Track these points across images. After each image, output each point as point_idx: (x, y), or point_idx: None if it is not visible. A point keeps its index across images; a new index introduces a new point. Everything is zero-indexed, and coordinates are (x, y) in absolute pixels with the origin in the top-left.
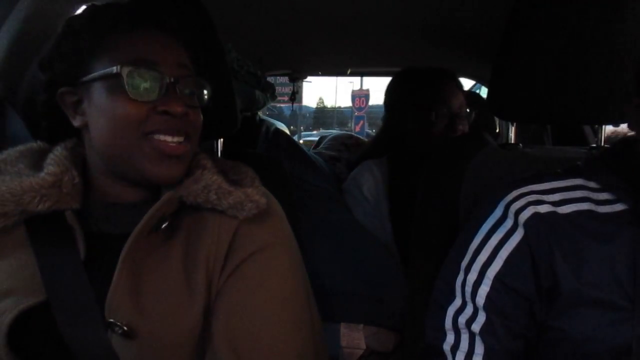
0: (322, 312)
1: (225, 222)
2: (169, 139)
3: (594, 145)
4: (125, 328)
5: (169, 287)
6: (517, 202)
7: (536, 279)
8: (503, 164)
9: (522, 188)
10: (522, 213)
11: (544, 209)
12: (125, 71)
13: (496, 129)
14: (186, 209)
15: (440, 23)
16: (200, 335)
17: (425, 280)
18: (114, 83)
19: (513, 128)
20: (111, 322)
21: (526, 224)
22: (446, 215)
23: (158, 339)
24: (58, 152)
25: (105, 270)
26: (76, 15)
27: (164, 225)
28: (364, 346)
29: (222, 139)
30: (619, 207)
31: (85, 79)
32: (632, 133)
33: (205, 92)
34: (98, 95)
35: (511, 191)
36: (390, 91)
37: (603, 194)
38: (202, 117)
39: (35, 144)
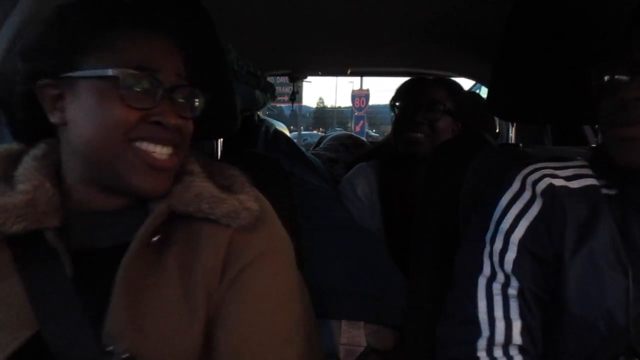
0: (323, 309)
1: (219, 232)
2: (157, 149)
3: (594, 145)
4: (125, 356)
5: (168, 305)
6: (533, 175)
7: (552, 246)
8: (503, 164)
9: (537, 164)
10: (539, 184)
11: (557, 182)
12: (122, 75)
13: (496, 129)
14: (176, 218)
15: (440, 23)
16: (201, 352)
17: (426, 279)
18: (107, 85)
19: (513, 128)
20: (110, 350)
21: (543, 194)
22: (446, 214)
23: None
24: (28, 164)
25: (96, 291)
26: (68, 4)
27: (155, 238)
28: (364, 344)
29: (222, 139)
30: (613, 191)
31: (72, 74)
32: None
33: (197, 102)
34: (86, 95)
35: (527, 166)
36: None
37: (601, 180)
38: (192, 127)
39: (7, 146)
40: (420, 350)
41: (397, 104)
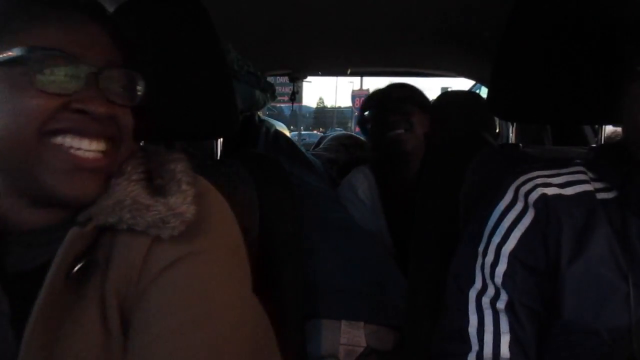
0: (322, 309)
1: (138, 241)
2: (84, 145)
3: (594, 145)
4: None
5: (86, 347)
6: (525, 185)
7: (546, 255)
8: (503, 164)
9: (529, 174)
10: (531, 195)
11: (550, 191)
12: (32, 56)
13: (496, 129)
14: (106, 231)
15: (440, 23)
16: None
17: (426, 280)
18: (16, 71)
19: (513, 128)
20: None
21: (535, 204)
22: (446, 215)
23: None
24: None
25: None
26: None
27: (76, 269)
28: (364, 344)
29: (222, 139)
30: (611, 194)
31: None
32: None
33: (138, 88)
34: None
35: (519, 177)
36: None
37: (599, 182)
38: (131, 118)
39: None
40: (420, 351)
41: (366, 113)
